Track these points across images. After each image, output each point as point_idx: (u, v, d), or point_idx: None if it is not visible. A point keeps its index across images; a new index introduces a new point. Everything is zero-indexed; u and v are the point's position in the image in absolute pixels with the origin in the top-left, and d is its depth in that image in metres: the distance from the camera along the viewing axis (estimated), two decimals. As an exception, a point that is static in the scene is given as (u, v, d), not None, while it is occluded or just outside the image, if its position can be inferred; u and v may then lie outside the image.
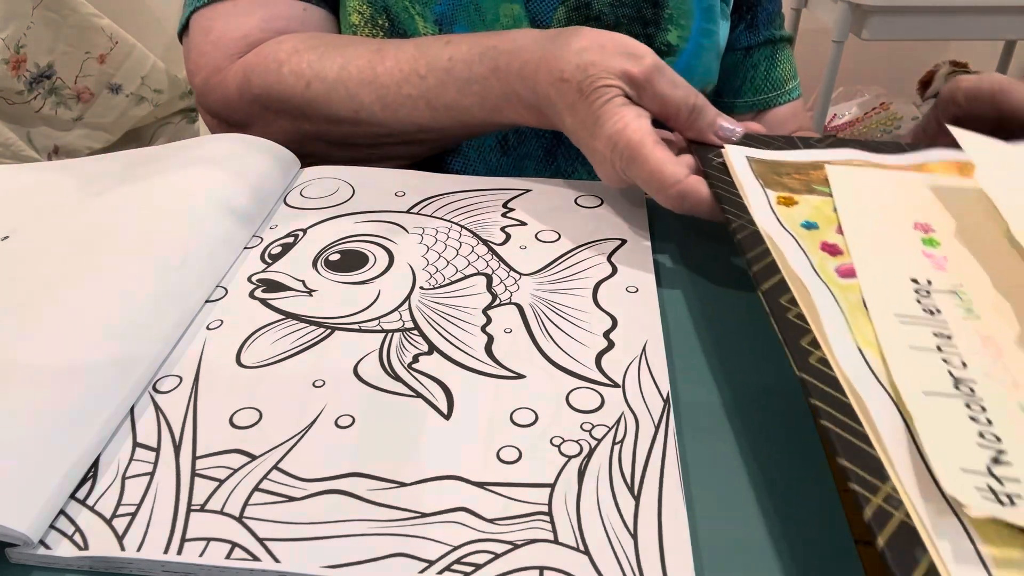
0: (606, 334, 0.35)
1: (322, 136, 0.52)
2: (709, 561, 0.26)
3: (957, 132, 0.38)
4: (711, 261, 0.42)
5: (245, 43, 0.54)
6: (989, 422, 0.25)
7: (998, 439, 0.25)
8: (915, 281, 0.32)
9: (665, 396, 0.32)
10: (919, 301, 0.31)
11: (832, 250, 0.34)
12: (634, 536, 0.26)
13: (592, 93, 0.41)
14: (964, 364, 0.27)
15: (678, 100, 0.42)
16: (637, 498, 0.28)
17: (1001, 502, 0.22)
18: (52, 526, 0.27)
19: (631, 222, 0.43)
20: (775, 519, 0.28)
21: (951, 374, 0.27)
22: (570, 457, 0.29)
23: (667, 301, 0.38)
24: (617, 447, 0.29)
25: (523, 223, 0.43)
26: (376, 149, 0.53)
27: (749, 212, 0.36)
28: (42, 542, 0.26)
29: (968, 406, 0.26)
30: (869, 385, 0.27)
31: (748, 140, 0.43)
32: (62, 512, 0.27)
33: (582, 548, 0.26)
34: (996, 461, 0.24)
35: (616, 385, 0.32)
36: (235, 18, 0.55)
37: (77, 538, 0.26)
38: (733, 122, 0.43)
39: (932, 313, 0.30)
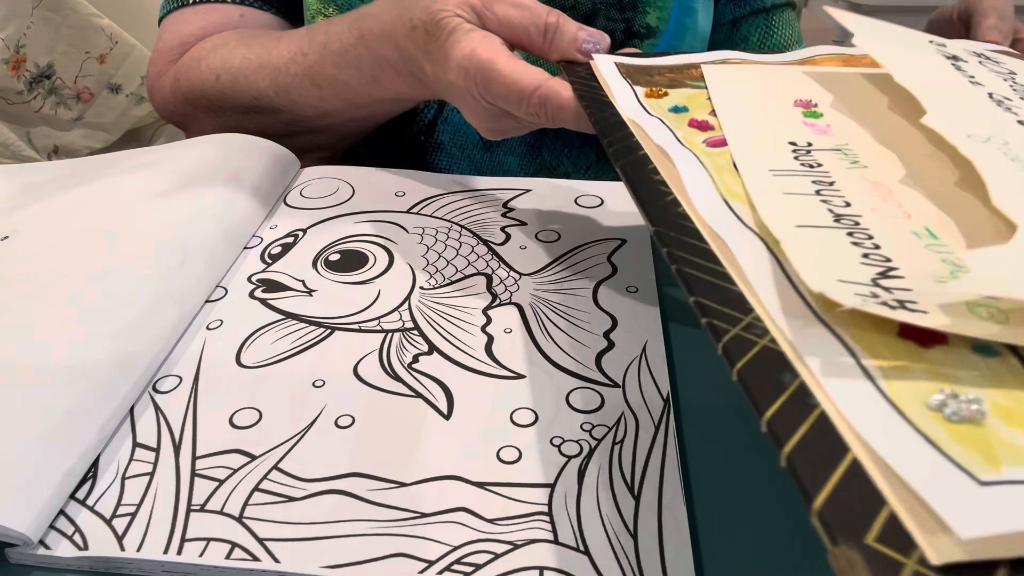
0: (606, 334, 0.35)
1: (242, 130, 0.52)
2: (709, 561, 0.26)
3: (834, 12, 0.36)
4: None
5: (182, 49, 0.57)
6: (876, 247, 0.22)
7: (887, 259, 0.21)
8: (793, 144, 0.28)
9: (665, 396, 0.32)
10: (797, 158, 0.27)
11: (702, 126, 0.30)
12: (634, 536, 0.26)
13: (436, 30, 0.40)
14: (848, 204, 0.24)
15: (525, 21, 0.39)
16: (637, 498, 0.28)
17: (890, 307, 0.19)
18: (52, 526, 0.27)
19: (631, 222, 0.43)
20: (775, 519, 0.28)
21: (831, 211, 0.24)
22: (570, 457, 0.29)
23: (667, 301, 0.38)
24: (617, 447, 0.29)
25: (523, 223, 0.43)
26: (291, 139, 0.53)
27: (614, 106, 0.33)
28: (42, 542, 0.26)
29: (851, 235, 0.22)
30: (733, 229, 0.24)
31: (621, 54, 0.40)
32: (62, 512, 0.27)
33: (582, 548, 0.26)
34: (884, 275, 0.20)
35: (616, 385, 0.32)
36: (178, 26, 0.58)
37: (77, 538, 0.26)
38: (598, 32, 0.39)
39: (812, 167, 0.27)
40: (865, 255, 0.21)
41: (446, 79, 0.40)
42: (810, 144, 0.28)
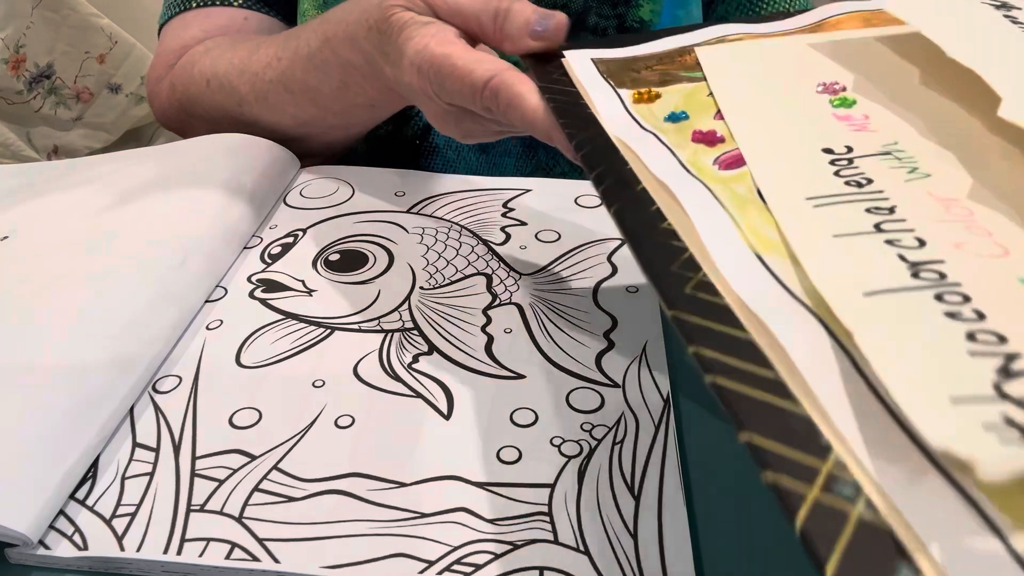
0: (606, 334, 0.35)
1: None
2: (709, 561, 0.26)
3: None
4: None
5: (181, 53, 0.55)
6: (979, 315, 0.16)
7: (1000, 338, 0.15)
8: (829, 151, 0.22)
9: (665, 396, 0.32)
10: (839, 174, 0.21)
11: (708, 139, 0.25)
12: (634, 536, 0.26)
13: (388, 28, 0.37)
14: (921, 241, 0.18)
15: (477, 7, 0.35)
16: (637, 498, 0.27)
17: None
18: (52, 526, 0.27)
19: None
20: (775, 519, 0.28)
21: (904, 259, 0.18)
22: (570, 457, 0.29)
23: (667, 301, 0.38)
24: (617, 447, 0.29)
25: (523, 223, 0.43)
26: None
27: (598, 122, 0.27)
28: (42, 542, 0.26)
29: (940, 298, 0.16)
30: (778, 305, 0.18)
31: (598, 41, 0.33)
32: (62, 512, 0.27)
33: (582, 548, 0.26)
34: (1006, 372, 0.14)
35: (616, 385, 0.32)
36: (179, 30, 0.56)
37: (77, 538, 0.26)
38: (550, 12, 0.34)
39: (860, 185, 0.21)
40: (969, 335, 0.15)
41: (403, 80, 0.37)
42: (850, 149, 0.22)
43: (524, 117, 0.31)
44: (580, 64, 0.31)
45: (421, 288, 0.38)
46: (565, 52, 0.32)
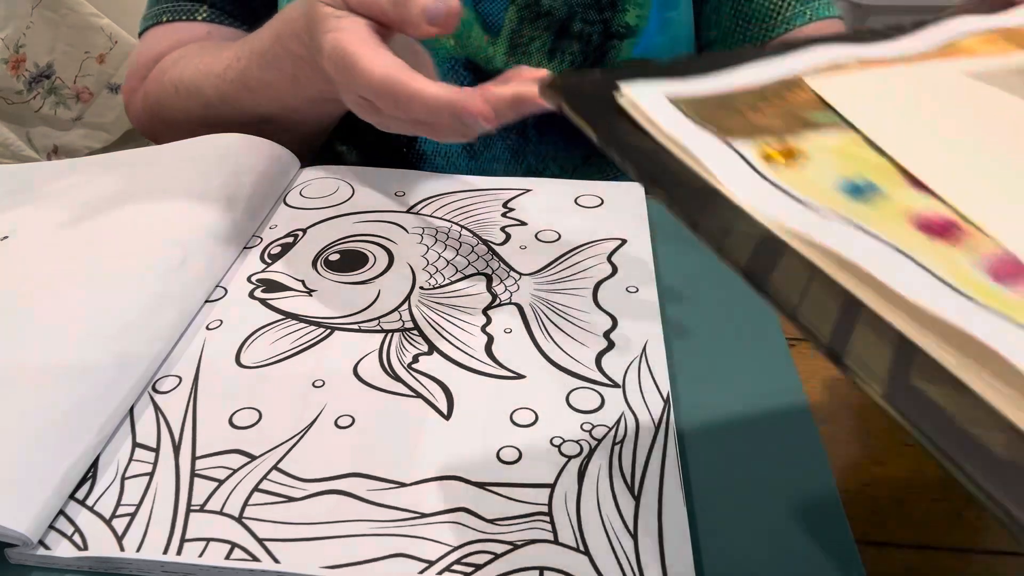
0: (606, 334, 0.35)
1: None
2: (709, 561, 0.26)
3: None
4: (711, 260, 0.42)
5: (153, 66, 0.57)
6: None
7: None
8: None
9: (665, 396, 0.32)
10: None
11: (943, 229, 0.17)
12: (634, 536, 0.26)
13: (313, 24, 0.38)
14: None
15: None
16: (637, 498, 0.27)
17: None
18: (52, 526, 0.27)
19: (631, 222, 0.43)
20: (775, 519, 0.28)
21: None
22: (570, 457, 0.29)
23: (667, 301, 0.38)
24: (617, 447, 0.29)
25: (523, 223, 0.43)
26: None
27: (725, 197, 0.19)
28: (41, 542, 0.26)
29: None
30: None
31: (647, 66, 0.24)
32: (61, 512, 0.27)
33: (582, 548, 0.26)
34: None
35: (616, 385, 0.32)
36: (154, 42, 0.58)
37: (76, 538, 0.26)
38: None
39: None
40: None
41: (327, 71, 0.38)
42: None
43: (427, 106, 0.32)
44: (653, 104, 0.22)
45: (421, 288, 0.38)
46: (621, 85, 0.22)
